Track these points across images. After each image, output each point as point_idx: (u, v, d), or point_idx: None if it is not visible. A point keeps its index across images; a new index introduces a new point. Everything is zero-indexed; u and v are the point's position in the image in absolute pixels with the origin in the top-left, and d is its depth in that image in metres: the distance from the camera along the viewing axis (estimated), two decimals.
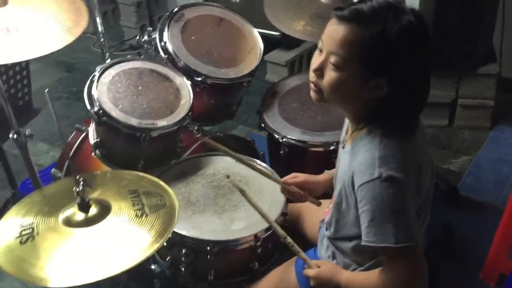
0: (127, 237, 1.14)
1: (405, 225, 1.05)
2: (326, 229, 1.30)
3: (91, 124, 1.70)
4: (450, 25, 2.58)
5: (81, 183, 1.17)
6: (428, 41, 1.08)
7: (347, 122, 1.30)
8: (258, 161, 1.61)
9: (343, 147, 1.25)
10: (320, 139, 1.69)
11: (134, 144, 1.54)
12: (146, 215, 1.18)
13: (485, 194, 2.40)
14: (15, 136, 1.52)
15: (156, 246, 1.10)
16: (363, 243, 1.09)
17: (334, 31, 1.07)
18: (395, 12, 1.03)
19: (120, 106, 1.53)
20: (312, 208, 1.54)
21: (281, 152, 1.73)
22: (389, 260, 1.10)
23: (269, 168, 1.60)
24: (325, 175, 1.45)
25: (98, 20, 2.16)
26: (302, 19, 1.87)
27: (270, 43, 2.84)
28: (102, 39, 2.19)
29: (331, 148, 1.64)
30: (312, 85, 1.15)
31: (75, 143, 1.94)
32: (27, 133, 1.52)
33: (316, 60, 1.12)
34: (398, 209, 1.05)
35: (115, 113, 1.50)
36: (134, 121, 1.51)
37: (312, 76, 1.14)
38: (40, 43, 1.25)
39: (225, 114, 1.95)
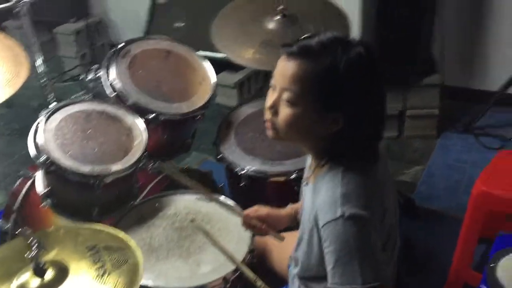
0: None
1: (371, 265, 1.03)
2: (294, 266, 1.27)
3: (38, 172, 1.59)
4: (391, 41, 2.65)
5: (35, 246, 1.08)
6: (378, 71, 1.08)
7: (310, 158, 1.28)
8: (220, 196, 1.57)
9: (306, 184, 1.23)
10: (280, 169, 1.67)
11: (87, 191, 1.46)
12: (108, 274, 1.11)
13: (440, 202, 2.46)
14: None
15: None
16: (329, 285, 1.06)
17: (284, 68, 1.07)
18: (343, 45, 1.04)
19: (69, 153, 1.45)
20: (279, 244, 1.51)
21: (242, 184, 1.69)
22: None
23: (231, 201, 1.56)
24: (289, 209, 1.43)
25: (37, 52, 2.03)
26: (251, 47, 1.85)
27: (218, 65, 2.84)
28: (41, 71, 2.06)
29: (293, 177, 1.62)
30: (267, 124, 1.14)
31: (22, 190, 1.82)
32: None
33: (270, 98, 1.11)
34: (363, 248, 1.03)
35: (64, 161, 1.42)
36: (85, 168, 1.43)
37: (267, 114, 1.12)
38: None
39: (180, 148, 1.90)
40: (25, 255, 1.07)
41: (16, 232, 1.72)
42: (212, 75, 1.85)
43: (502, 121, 2.93)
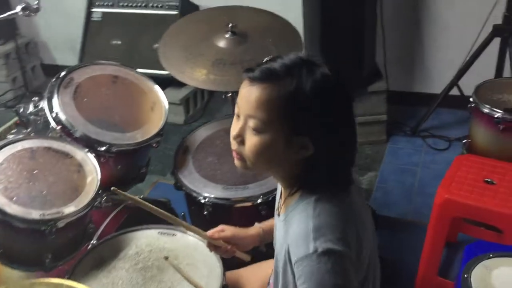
0: None
1: None
2: None
3: None
4: (335, 50, 2.67)
5: None
6: (345, 91, 1.03)
7: (280, 187, 1.22)
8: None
9: (278, 215, 1.17)
10: (245, 194, 1.60)
11: (38, 238, 1.32)
12: None
13: (396, 208, 2.48)
14: None
15: None
16: None
17: (247, 93, 1.00)
18: (308, 66, 0.99)
19: (15, 199, 1.31)
20: (251, 274, 1.44)
21: (205, 212, 1.61)
22: None
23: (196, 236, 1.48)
24: (255, 229, 1.37)
25: None
26: (203, 68, 1.78)
27: (161, 83, 2.76)
28: None
29: (259, 201, 1.56)
30: (234, 154, 1.07)
31: None
32: None
33: (235, 126, 1.04)
34: (339, 283, 0.96)
35: (9, 208, 1.28)
36: (35, 214, 1.30)
37: (233, 144, 1.06)
38: None
39: (135, 178, 1.78)
40: None
41: None
42: (163, 99, 1.76)
43: (446, 122, 3.04)
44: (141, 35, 3.39)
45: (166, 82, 3.11)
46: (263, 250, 1.37)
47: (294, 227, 1.01)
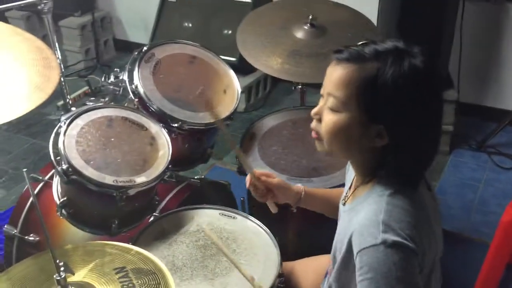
0: None
1: None
2: None
3: (54, 178, 1.50)
4: None
5: (62, 269, 1.00)
6: (434, 87, 0.99)
7: (349, 177, 1.21)
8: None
9: (344, 204, 1.16)
10: (308, 186, 1.58)
11: (109, 203, 1.37)
12: None
13: (453, 222, 2.42)
14: None
15: None
16: None
17: (331, 73, 1.02)
18: (398, 55, 0.96)
19: (92, 163, 1.36)
20: (306, 266, 1.44)
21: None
22: None
23: (257, 222, 1.49)
24: (299, 187, 1.37)
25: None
26: (279, 57, 1.78)
27: None
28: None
29: None
30: (312, 133, 1.08)
31: (30, 196, 1.73)
32: None
33: (318, 105, 1.06)
34: (405, 278, 0.95)
35: (87, 171, 1.33)
36: (109, 179, 1.34)
37: (313, 122, 1.07)
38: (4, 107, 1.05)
39: (200, 158, 1.81)
40: (54, 276, 0.99)
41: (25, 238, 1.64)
42: (236, 83, 1.78)
43: None
44: (212, 20, 3.43)
45: (232, 69, 3.16)
46: (293, 210, 1.38)
47: (361, 217, 1.00)
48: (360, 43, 1.02)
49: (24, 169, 0.93)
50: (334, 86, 0.99)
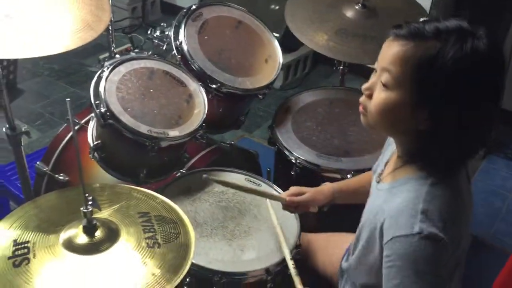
0: (135, 271, 1.00)
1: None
2: (345, 275, 1.21)
3: (90, 122, 1.54)
4: None
5: (90, 203, 1.03)
6: (496, 74, 0.94)
7: (388, 153, 1.19)
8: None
9: (378, 182, 1.14)
10: (336, 165, 1.59)
11: (140, 152, 1.40)
12: (159, 246, 1.05)
13: (477, 227, 2.38)
14: (9, 131, 1.34)
15: (168, 286, 0.97)
16: None
17: (387, 48, 0.97)
18: (461, 35, 0.91)
19: (129, 110, 1.38)
20: (326, 242, 1.45)
21: (292, 172, 1.63)
22: None
23: (281, 192, 1.50)
24: (328, 188, 1.36)
25: None
26: (325, 33, 1.76)
27: None
28: None
29: (348, 176, 1.54)
30: (360, 107, 1.05)
31: (66, 136, 1.78)
32: (23, 129, 1.34)
33: (370, 80, 1.02)
34: (433, 272, 0.94)
35: (124, 117, 1.36)
36: (144, 128, 1.37)
37: (362, 97, 1.04)
38: (56, 39, 1.08)
39: (232, 124, 1.83)
40: (81, 209, 1.02)
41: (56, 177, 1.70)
42: (279, 54, 1.77)
43: None
44: None
45: None
46: (324, 210, 1.39)
47: (399, 202, 0.98)
48: (421, 19, 0.98)
49: (68, 99, 0.95)
50: (389, 62, 0.95)
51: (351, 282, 1.20)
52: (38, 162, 1.79)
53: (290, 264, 1.25)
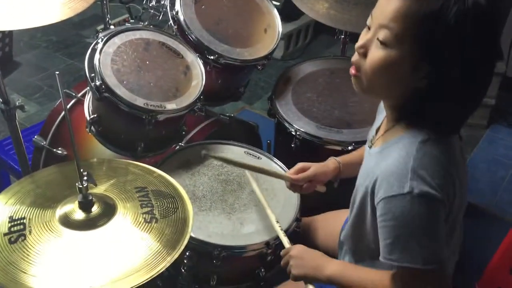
0: (132, 246, 0.99)
1: (434, 247, 0.95)
2: (344, 246, 1.21)
3: (86, 95, 1.51)
4: None
5: (85, 178, 1.01)
6: (494, 29, 0.93)
7: (379, 118, 1.17)
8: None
9: (370, 147, 1.13)
10: (338, 137, 1.56)
11: (137, 125, 1.37)
12: (156, 221, 1.05)
13: (480, 197, 2.37)
14: (2, 106, 1.31)
15: (165, 261, 0.97)
16: (382, 259, 0.99)
17: (386, 3, 0.93)
18: None
19: (125, 83, 1.35)
20: (325, 220, 1.44)
21: (292, 145, 1.60)
22: (411, 280, 0.99)
23: (281, 165, 1.49)
24: (333, 163, 1.33)
25: None
26: (326, 1, 1.71)
27: None
28: None
29: (350, 148, 1.52)
30: (352, 69, 1.00)
31: (63, 110, 1.75)
32: (17, 103, 1.32)
33: (362, 37, 0.98)
34: (428, 229, 0.94)
35: (119, 90, 1.33)
36: (140, 101, 1.34)
37: (354, 56, 0.99)
38: (46, 11, 1.04)
39: (231, 96, 1.79)
40: (76, 184, 1.01)
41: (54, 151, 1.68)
42: (278, 23, 1.72)
43: None
44: None
45: None
46: (335, 185, 1.36)
47: (389, 162, 0.97)
48: None
49: (57, 72, 0.92)
50: (390, 18, 0.91)
51: (350, 251, 1.20)
52: (36, 136, 1.77)
53: (277, 226, 1.24)
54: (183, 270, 1.29)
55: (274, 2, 3.02)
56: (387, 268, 1.02)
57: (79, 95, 1.71)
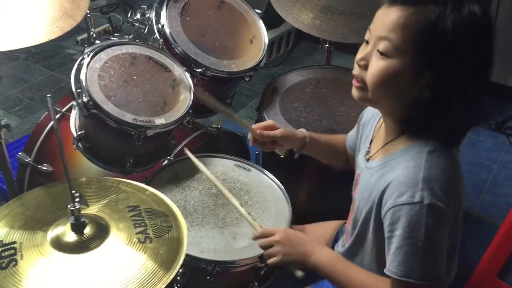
0: (127, 268, 0.97)
1: (434, 262, 0.96)
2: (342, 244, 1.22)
3: (73, 111, 1.49)
4: None
5: (77, 200, 0.99)
6: (490, 37, 0.95)
7: (370, 131, 1.18)
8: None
9: (368, 160, 1.13)
10: None
11: (126, 141, 1.36)
12: (150, 241, 1.03)
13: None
14: None
15: (161, 282, 0.95)
16: (386, 271, 1.00)
17: (384, 15, 0.96)
18: (456, 0, 0.92)
19: (112, 99, 1.34)
20: (316, 229, 1.44)
21: (282, 156, 1.60)
22: None
23: (271, 177, 1.49)
24: (302, 133, 1.34)
25: None
26: (311, 12, 1.72)
27: None
28: None
29: None
30: (354, 81, 1.02)
31: (47, 125, 1.73)
32: (2, 122, 1.29)
33: (361, 50, 1.00)
34: (431, 242, 0.95)
35: (107, 106, 1.31)
36: (128, 117, 1.32)
37: (355, 68, 1.01)
38: (32, 30, 1.02)
39: None
40: (68, 206, 0.99)
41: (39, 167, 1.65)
42: (264, 34, 1.72)
43: None
44: None
45: None
46: (295, 157, 1.37)
47: (399, 173, 0.98)
48: None
49: (48, 95, 0.90)
50: (388, 30, 0.93)
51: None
52: (20, 153, 1.74)
53: (242, 211, 1.24)
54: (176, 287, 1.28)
55: (257, 10, 3.05)
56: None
57: (64, 110, 1.68)
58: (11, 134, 2.60)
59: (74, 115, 1.46)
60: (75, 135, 1.42)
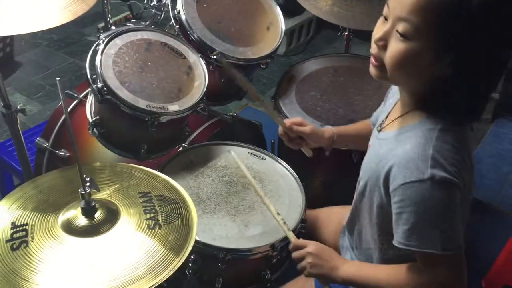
0: (136, 253, 0.98)
1: (452, 233, 0.96)
2: (348, 237, 1.20)
3: (88, 96, 1.50)
4: None
5: (88, 184, 1.00)
6: None
7: (390, 102, 1.16)
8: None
9: (379, 131, 1.12)
10: None
11: (140, 128, 1.36)
12: (160, 227, 1.03)
13: (485, 191, 2.36)
14: (3, 110, 1.30)
15: (169, 268, 0.95)
16: (398, 244, 0.99)
17: None
18: None
19: (127, 84, 1.34)
20: (331, 216, 1.42)
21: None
22: (429, 266, 1.00)
23: (285, 165, 1.48)
24: (330, 132, 1.35)
25: None
26: None
27: None
28: None
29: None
30: (372, 59, 1.00)
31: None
32: (18, 107, 1.31)
33: (379, 28, 0.96)
34: (447, 215, 0.95)
35: (121, 92, 1.31)
36: (142, 103, 1.32)
37: (373, 47, 0.98)
38: (45, 15, 1.02)
39: (234, 95, 1.78)
40: (79, 190, 0.99)
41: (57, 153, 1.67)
42: (281, 21, 1.70)
43: None
44: None
45: None
46: (327, 154, 1.37)
47: (407, 149, 0.97)
48: None
49: (57, 78, 0.90)
50: (409, 10, 0.89)
51: (351, 247, 1.20)
52: (38, 138, 1.76)
53: (279, 219, 1.24)
54: (188, 274, 1.28)
55: None
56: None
57: (81, 96, 1.69)
58: (32, 120, 2.64)
59: (89, 101, 1.47)
60: (90, 120, 1.43)
